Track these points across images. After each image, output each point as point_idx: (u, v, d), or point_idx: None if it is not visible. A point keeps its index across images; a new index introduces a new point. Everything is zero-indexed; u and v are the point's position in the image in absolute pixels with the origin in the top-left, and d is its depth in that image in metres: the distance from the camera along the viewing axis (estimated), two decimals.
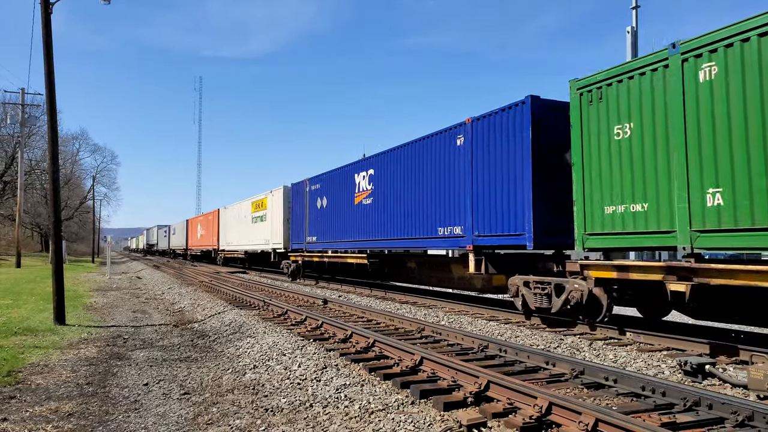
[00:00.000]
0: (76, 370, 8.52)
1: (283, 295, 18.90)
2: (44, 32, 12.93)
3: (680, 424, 5.24)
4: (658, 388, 6.15)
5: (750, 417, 5.24)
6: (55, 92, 13.16)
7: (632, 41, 14.84)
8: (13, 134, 56.24)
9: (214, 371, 8.43)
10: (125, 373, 8.41)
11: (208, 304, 16.64)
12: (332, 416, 6.02)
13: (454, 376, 6.93)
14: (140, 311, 16.25)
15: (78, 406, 6.68)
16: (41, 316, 13.98)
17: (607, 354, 9.01)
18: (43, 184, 63.94)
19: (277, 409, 6.37)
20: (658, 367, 8.12)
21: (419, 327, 10.99)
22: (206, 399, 6.95)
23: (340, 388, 6.95)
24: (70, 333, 11.81)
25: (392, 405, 6.23)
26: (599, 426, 4.96)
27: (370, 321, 12.58)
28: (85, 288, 24.58)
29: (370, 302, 17.03)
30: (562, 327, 11.58)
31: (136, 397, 7.06)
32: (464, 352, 8.78)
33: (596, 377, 6.92)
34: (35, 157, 63.31)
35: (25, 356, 9.36)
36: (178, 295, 20.41)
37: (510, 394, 6.02)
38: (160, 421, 6.14)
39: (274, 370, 8.14)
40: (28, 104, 45.92)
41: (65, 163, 73.15)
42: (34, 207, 67.28)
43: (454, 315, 13.88)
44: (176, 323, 13.72)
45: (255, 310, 14.81)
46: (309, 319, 12.16)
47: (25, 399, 6.93)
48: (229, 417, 6.18)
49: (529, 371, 7.55)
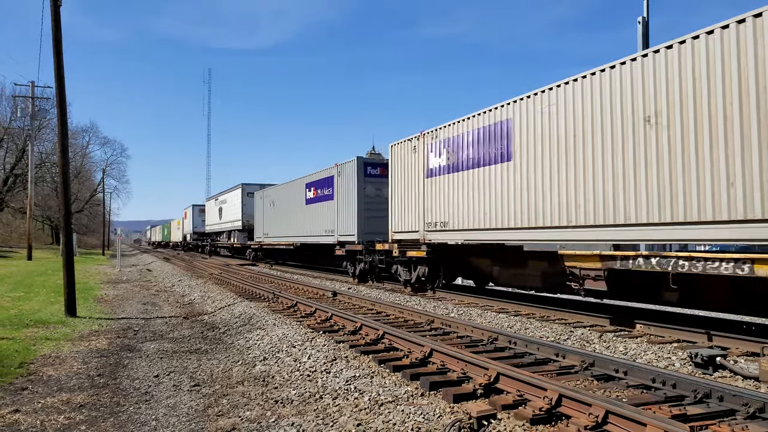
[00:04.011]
0: (87, 361, 8.58)
1: (292, 287, 18.97)
2: (53, 25, 12.95)
3: (691, 416, 5.21)
4: (669, 380, 6.12)
5: (761, 409, 5.21)
6: (64, 85, 13.20)
7: (643, 32, 14.70)
8: (23, 127, 56.57)
9: (225, 363, 8.46)
10: (136, 364, 8.46)
11: (217, 296, 16.71)
12: (342, 408, 6.03)
13: (464, 368, 6.93)
14: (150, 303, 16.34)
15: (89, 397, 6.72)
16: (52, 309, 14.08)
17: (618, 346, 8.98)
18: (54, 177, 64.44)
19: (287, 401, 6.39)
20: (669, 359, 8.09)
21: (428, 319, 10.99)
22: (216, 391, 6.98)
23: (349, 379, 6.96)
24: (81, 325, 11.89)
25: (402, 397, 6.23)
26: (609, 418, 4.95)
27: (380, 313, 12.60)
28: (95, 280, 24.74)
29: (379, 294, 17.05)
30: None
31: (146, 389, 7.11)
32: (474, 344, 8.78)
33: (606, 369, 6.90)
34: (46, 150, 63.76)
35: (36, 348, 9.43)
36: (188, 288, 20.51)
37: (520, 386, 6.01)
38: (170, 412, 6.17)
39: (284, 362, 8.16)
40: (38, 97, 46.12)
41: (75, 156, 73.70)
42: (44, 200, 67.81)
43: (463, 307, 13.87)
44: (186, 315, 13.79)
45: (264, 302, 14.86)
46: (318, 311, 12.19)
47: (37, 390, 6.98)
48: (240, 408, 6.21)
49: (539, 363, 7.54)
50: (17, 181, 62.54)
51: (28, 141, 48.97)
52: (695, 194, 8.64)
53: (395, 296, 16.55)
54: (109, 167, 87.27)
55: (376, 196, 20.97)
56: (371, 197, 21.13)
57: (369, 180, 21.35)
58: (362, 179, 21.29)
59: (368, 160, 21.74)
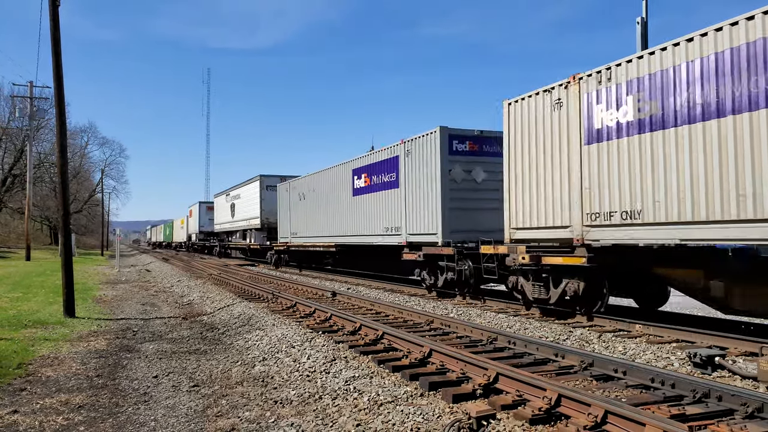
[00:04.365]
0: (86, 362, 8.57)
1: (291, 287, 18.96)
2: (52, 25, 12.95)
3: (689, 415, 5.22)
4: (668, 380, 6.12)
5: (760, 408, 5.21)
6: (63, 85, 13.19)
7: (642, 32, 14.71)
8: (22, 127, 56.56)
9: (224, 363, 8.46)
10: (135, 365, 8.45)
11: (216, 297, 16.71)
12: (341, 408, 6.03)
13: (463, 368, 6.93)
14: (149, 304, 16.33)
15: (88, 398, 6.72)
16: (51, 309, 14.07)
17: (617, 346, 8.99)
18: (52, 177, 64.36)
19: (286, 401, 6.39)
20: (668, 359, 8.09)
21: (428, 319, 10.99)
22: (216, 391, 6.98)
23: (349, 380, 6.96)
24: (80, 325, 11.88)
25: (401, 397, 6.23)
26: (608, 418, 4.95)
27: (379, 313, 12.60)
28: (94, 281, 24.72)
29: (379, 294, 17.04)
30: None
31: (145, 390, 7.11)
32: (473, 344, 8.78)
33: (605, 369, 6.90)
34: (44, 151, 63.78)
35: (35, 348, 9.42)
36: (187, 288, 20.50)
37: (519, 386, 6.01)
38: (169, 413, 6.17)
39: (283, 363, 8.16)
40: (37, 97, 46.10)
41: (74, 156, 73.65)
42: (43, 200, 67.74)
43: (462, 307, 13.87)
44: (185, 316, 13.79)
45: (264, 303, 14.85)
46: (318, 312, 12.19)
47: (36, 391, 6.98)
48: (239, 409, 6.20)
49: (538, 363, 7.54)
50: (15, 182, 62.49)
51: (26, 141, 48.88)
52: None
53: (395, 296, 16.46)
54: (108, 167, 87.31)
55: (465, 180, 16.01)
56: (458, 182, 15.90)
57: (456, 158, 15.93)
58: (446, 158, 15.79)
59: (455, 132, 16.09)
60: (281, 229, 30.91)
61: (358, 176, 21.27)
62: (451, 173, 15.78)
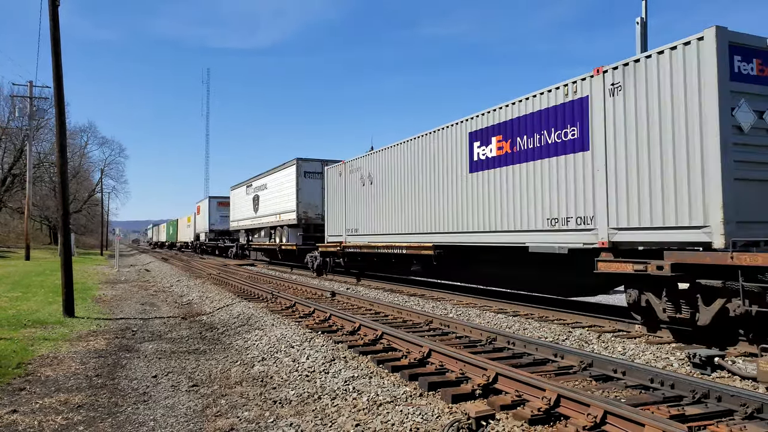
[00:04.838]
0: (85, 362, 8.57)
1: (291, 287, 18.96)
2: (51, 25, 12.95)
3: (689, 416, 5.22)
4: (667, 381, 6.12)
5: (759, 409, 5.22)
6: (62, 85, 13.18)
7: (641, 32, 14.71)
8: (21, 127, 56.55)
9: (223, 363, 8.46)
10: (134, 365, 8.45)
11: (215, 297, 16.70)
12: (340, 408, 6.03)
13: (462, 368, 6.93)
14: (149, 304, 16.32)
15: (87, 398, 6.71)
16: (50, 309, 14.07)
17: (616, 346, 8.98)
18: (52, 177, 64.37)
19: (285, 401, 6.38)
20: (667, 359, 8.09)
21: (427, 319, 10.99)
22: (215, 391, 6.97)
23: (348, 380, 6.96)
24: (80, 325, 11.87)
25: (400, 397, 6.23)
26: (608, 418, 4.95)
27: (378, 313, 12.60)
28: (93, 280, 24.71)
29: (378, 294, 17.04)
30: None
31: (144, 389, 7.10)
32: (472, 345, 8.78)
33: (605, 369, 6.90)
34: (44, 150, 63.80)
35: (34, 348, 9.42)
36: (187, 288, 20.50)
37: (518, 386, 6.01)
38: (168, 413, 6.16)
39: (282, 363, 8.16)
40: (36, 97, 46.09)
41: (73, 156, 73.66)
42: (42, 200, 67.73)
43: (462, 307, 13.87)
44: (185, 315, 13.78)
45: (263, 303, 14.85)
46: (317, 312, 12.19)
47: (35, 391, 6.97)
48: (238, 409, 6.20)
49: (538, 363, 7.54)
50: (15, 181, 62.47)
51: (26, 141, 48.85)
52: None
53: (394, 296, 16.49)
54: (108, 167, 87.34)
55: (758, 129, 8.59)
56: (745, 132, 8.49)
57: (742, 88, 8.55)
58: (725, 86, 8.32)
59: (739, 40, 8.53)
60: (331, 225, 23.75)
61: (482, 142, 13.99)
62: (735, 115, 8.42)
